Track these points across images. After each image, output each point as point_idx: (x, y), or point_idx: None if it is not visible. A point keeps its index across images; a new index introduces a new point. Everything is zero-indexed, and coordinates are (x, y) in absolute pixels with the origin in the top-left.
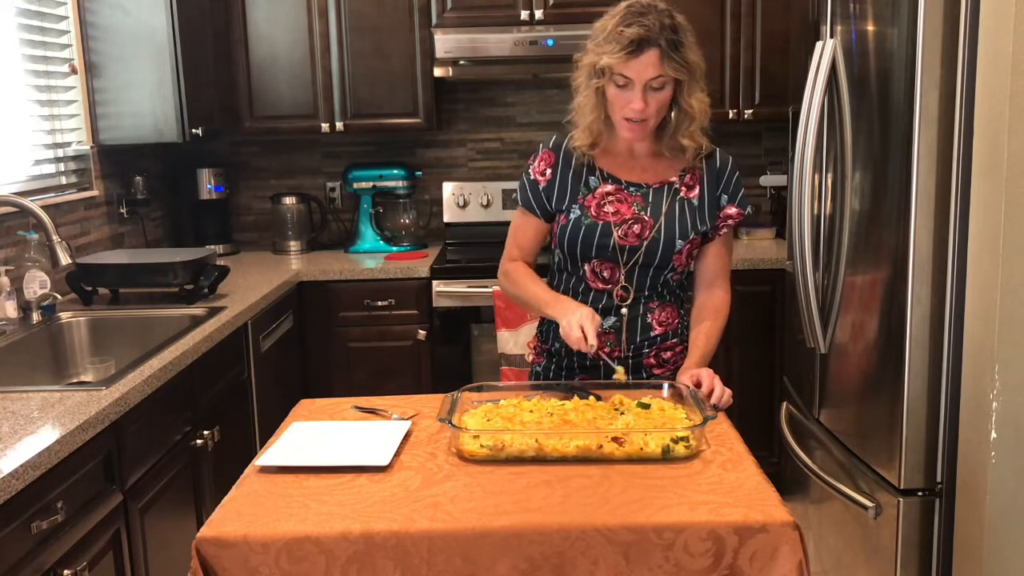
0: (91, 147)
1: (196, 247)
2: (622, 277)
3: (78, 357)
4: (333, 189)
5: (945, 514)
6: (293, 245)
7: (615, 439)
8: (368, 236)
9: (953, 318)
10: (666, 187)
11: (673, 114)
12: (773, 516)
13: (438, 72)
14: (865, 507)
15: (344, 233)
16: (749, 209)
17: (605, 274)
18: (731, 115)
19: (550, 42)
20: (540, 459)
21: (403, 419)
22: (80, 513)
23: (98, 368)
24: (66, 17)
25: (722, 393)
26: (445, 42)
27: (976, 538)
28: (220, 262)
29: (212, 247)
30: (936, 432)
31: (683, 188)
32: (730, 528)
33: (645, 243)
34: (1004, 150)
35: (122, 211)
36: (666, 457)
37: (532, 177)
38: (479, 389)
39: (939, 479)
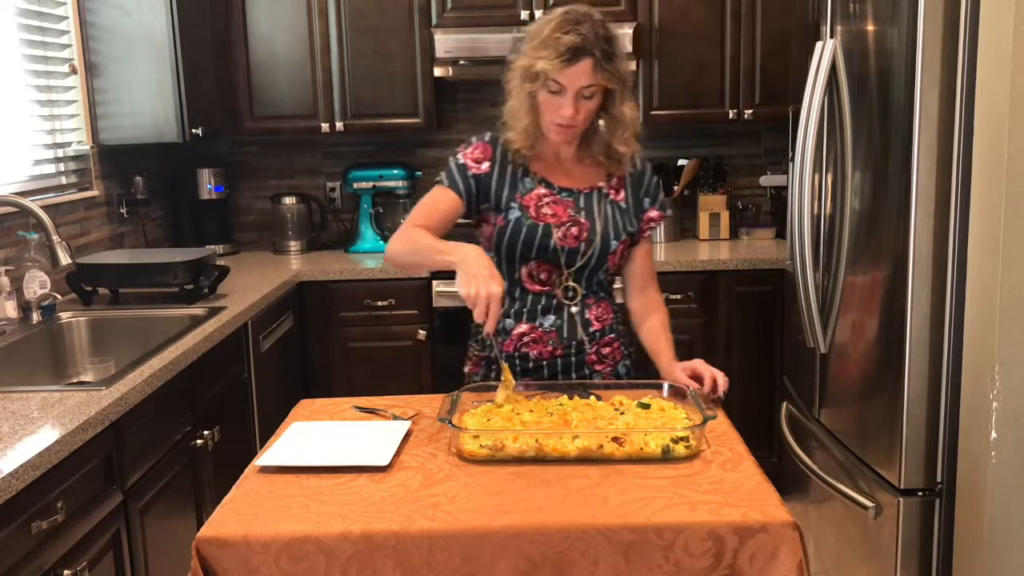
0: (91, 147)
1: (196, 247)
2: (567, 278)
3: (78, 357)
4: (333, 189)
5: (945, 514)
6: (293, 245)
7: (615, 439)
8: (368, 236)
9: (953, 318)
10: (595, 192)
11: (603, 122)
12: (773, 516)
13: (438, 72)
14: (865, 507)
15: (344, 233)
16: (668, 211)
17: (542, 276)
18: (731, 115)
19: None
20: (540, 459)
21: (403, 419)
22: (80, 513)
23: (98, 368)
24: (66, 17)
25: (721, 379)
26: (445, 42)
27: (976, 538)
28: (220, 262)
29: (212, 247)
30: (936, 432)
31: (611, 191)
32: (730, 528)
33: (583, 244)
34: (1004, 150)
35: (122, 211)
36: (666, 457)
37: (462, 161)
38: (479, 389)
39: (939, 479)
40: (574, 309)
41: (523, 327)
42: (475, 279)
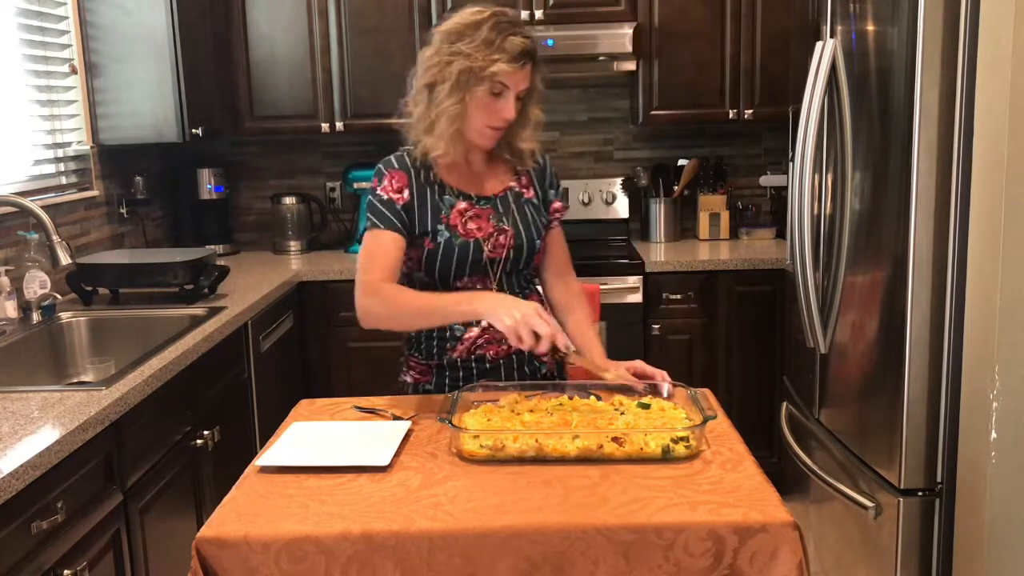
0: (91, 147)
1: (196, 247)
2: (494, 287)
3: (78, 357)
4: (333, 189)
5: (945, 514)
6: (293, 245)
7: (615, 439)
8: None
9: (953, 318)
10: (510, 193)
11: (515, 122)
12: (773, 516)
13: None
14: (865, 507)
15: (344, 233)
16: (567, 203)
17: (477, 287)
18: (731, 115)
19: (550, 42)
20: (540, 459)
21: (403, 419)
22: (80, 513)
23: (98, 368)
24: (66, 17)
25: (667, 376)
26: None
27: (976, 538)
28: (220, 262)
29: (212, 247)
30: (936, 432)
31: (523, 190)
32: (730, 528)
33: (512, 251)
34: (1004, 150)
35: (122, 211)
36: (666, 457)
37: (386, 197)
38: (479, 389)
39: (939, 479)
40: None
41: (474, 331)
42: (511, 309)
